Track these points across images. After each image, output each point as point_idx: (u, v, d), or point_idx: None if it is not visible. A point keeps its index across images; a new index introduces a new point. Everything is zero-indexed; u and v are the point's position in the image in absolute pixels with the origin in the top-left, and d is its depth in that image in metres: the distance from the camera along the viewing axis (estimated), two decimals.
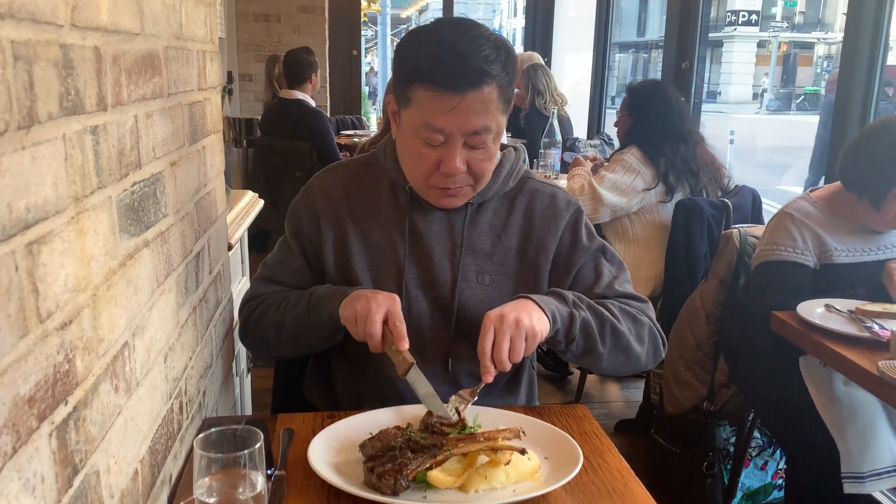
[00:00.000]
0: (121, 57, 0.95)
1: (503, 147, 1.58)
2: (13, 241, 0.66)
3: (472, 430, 1.25)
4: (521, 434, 1.22)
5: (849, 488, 2.03)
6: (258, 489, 0.98)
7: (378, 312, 1.34)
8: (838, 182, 2.26)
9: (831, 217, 2.24)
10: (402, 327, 1.35)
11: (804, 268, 2.20)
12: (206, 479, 0.97)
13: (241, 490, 0.98)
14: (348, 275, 1.51)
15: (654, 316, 1.53)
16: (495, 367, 1.29)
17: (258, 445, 0.98)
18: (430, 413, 1.29)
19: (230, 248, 1.80)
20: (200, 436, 0.99)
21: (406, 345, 1.34)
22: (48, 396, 0.73)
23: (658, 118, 3.14)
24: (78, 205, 0.81)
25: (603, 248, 1.55)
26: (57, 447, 0.75)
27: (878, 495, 2.47)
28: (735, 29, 23.40)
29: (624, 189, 3.12)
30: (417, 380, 1.34)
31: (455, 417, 1.28)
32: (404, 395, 1.45)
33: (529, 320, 1.30)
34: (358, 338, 1.38)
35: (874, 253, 2.22)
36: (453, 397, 1.33)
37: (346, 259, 1.51)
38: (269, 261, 1.61)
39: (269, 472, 1.13)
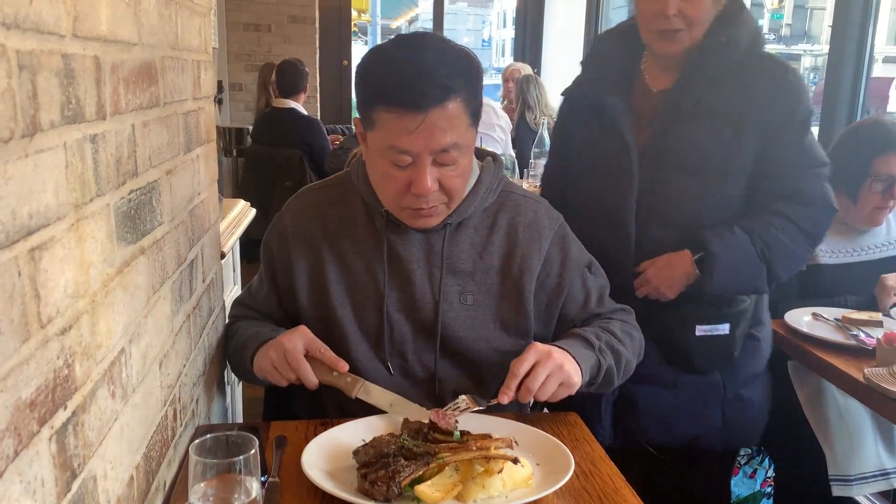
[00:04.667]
0: (119, 66, 0.96)
1: (482, 156, 1.54)
2: (16, 246, 0.67)
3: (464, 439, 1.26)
4: (514, 444, 1.23)
5: (836, 491, 2.05)
6: (253, 495, 0.99)
7: (296, 349, 1.35)
8: None
9: None
10: (328, 352, 1.36)
11: None
12: (202, 485, 0.98)
13: (236, 496, 0.99)
14: (325, 302, 1.47)
15: (635, 322, 1.59)
16: (517, 394, 1.30)
17: (253, 451, 0.99)
18: (431, 423, 1.28)
19: (223, 256, 1.80)
20: (196, 441, 1.00)
21: (345, 367, 1.36)
22: (48, 401, 0.74)
23: None
24: (78, 212, 0.82)
25: (589, 264, 1.57)
26: (56, 451, 0.75)
27: (862, 500, 2.48)
28: None
29: None
30: (373, 393, 1.35)
31: (462, 409, 1.30)
32: None
33: (571, 370, 1.32)
34: (284, 383, 1.39)
35: (859, 254, 2.26)
36: (464, 396, 1.34)
37: (321, 286, 1.48)
38: (251, 283, 1.62)
39: (262, 478, 1.13)
